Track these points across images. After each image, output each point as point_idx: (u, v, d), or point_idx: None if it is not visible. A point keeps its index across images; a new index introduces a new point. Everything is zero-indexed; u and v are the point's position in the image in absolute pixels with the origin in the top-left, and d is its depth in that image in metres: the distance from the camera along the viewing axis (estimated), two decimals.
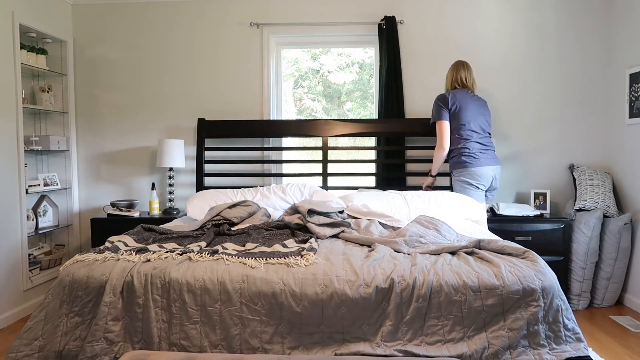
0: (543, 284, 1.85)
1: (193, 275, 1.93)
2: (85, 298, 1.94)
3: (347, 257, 2.09)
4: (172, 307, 1.88)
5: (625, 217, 3.40)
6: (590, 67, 3.87)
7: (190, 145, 4.08)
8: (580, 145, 3.90)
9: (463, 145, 3.34)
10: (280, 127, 3.90)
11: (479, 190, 3.33)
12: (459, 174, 3.36)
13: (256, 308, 1.86)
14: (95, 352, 1.83)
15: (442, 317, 1.83)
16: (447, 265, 1.96)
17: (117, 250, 2.16)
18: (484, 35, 3.91)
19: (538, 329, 1.80)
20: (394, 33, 3.84)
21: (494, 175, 3.35)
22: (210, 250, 2.13)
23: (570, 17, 3.86)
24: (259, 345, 1.84)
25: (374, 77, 4.13)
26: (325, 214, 2.68)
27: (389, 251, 2.16)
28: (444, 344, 1.80)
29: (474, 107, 3.37)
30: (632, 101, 3.51)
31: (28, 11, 3.57)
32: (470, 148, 3.33)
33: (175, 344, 1.86)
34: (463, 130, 3.35)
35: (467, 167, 3.31)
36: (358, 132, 3.86)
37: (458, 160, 3.37)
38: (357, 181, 4.06)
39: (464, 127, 3.35)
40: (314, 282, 1.88)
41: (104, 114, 4.13)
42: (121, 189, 4.15)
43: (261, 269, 1.95)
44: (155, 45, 4.08)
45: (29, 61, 3.63)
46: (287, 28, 4.00)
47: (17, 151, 3.45)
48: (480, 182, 3.31)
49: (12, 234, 3.40)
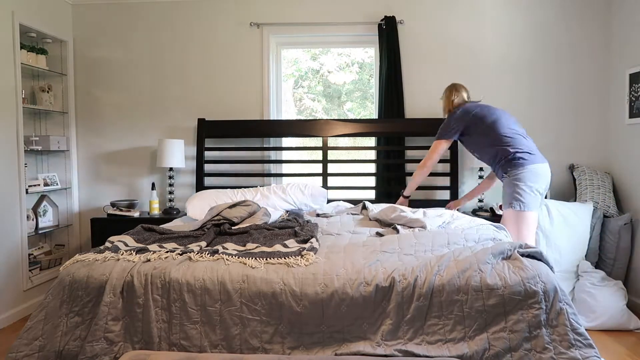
0: (545, 286, 1.84)
1: (193, 275, 1.93)
2: (85, 298, 1.94)
3: (348, 255, 2.09)
4: (172, 307, 1.89)
5: (625, 217, 3.40)
6: (590, 67, 3.87)
7: (190, 145, 4.08)
8: (580, 145, 3.90)
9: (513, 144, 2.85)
10: (280, 127, 3.90)
11: (537, 195, 2.82)
12: (514, 174, 2.83)
13: (256, 308, 1.86)
14: (96, 352, 1.84)
15: (443, 317, 1.83)
16: (454, 269, 1.92)
17: (117, 250, 2.16)
18: (484, 35, 3.91)
19: (541, 333, 1.78)
20: (394, 33, 3.84)
21: (549, 176, 2.89)
22: (210, 250, 2.13)
23: (571, 17, 3.86)
24: (259, 345, 1.84)
25: (374, 77, 4.13)
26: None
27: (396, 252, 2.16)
28: (445, 343, 1.80)
29: (503, 114, 2.96)
30: (632, 101, 3.51)
31: (28, 11, 3.57)
32: (521, 143, 2.85)
33: (175, 344, 1.86)
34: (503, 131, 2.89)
35: (524, 165, 2.81)
36: (358, 132, 3.86)
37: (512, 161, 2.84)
38: (357, 181, 4.06)
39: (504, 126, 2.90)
40: (314, 282, 1.88)
41: (104, 114, 4.13)
42: (121, 189, 4.15)
43: (261, 269, 1.95)
44: (156, 45, 4.08)
45: (29, 61, 3.63)
46: (287, 28, 4.00)
47: (17, 151, 3.45)
48: (540, 185, 2.82)
49: (12, 234, 3.40)
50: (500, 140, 2.88)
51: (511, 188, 2.84)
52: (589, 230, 3.39)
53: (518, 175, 2.81)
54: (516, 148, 2.84)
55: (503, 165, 2.89)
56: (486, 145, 2.94)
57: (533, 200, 2.81)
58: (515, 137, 2.88)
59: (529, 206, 2.80)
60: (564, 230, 3.33)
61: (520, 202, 2.80)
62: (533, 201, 2.81)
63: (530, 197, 2.80)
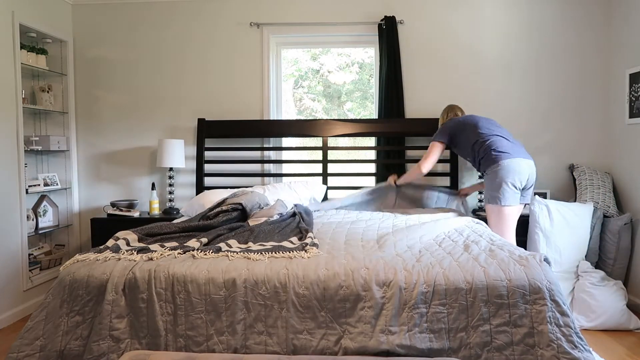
0: (550, 285, 1.85)
1: (197, 268, 1.96)
2: (85, 297, 1.94)
3: (349, 252, 2.14)
4: (176, 298, 1.91)
5: (625, 217, 3.40)
6: (590, 67, 3.87)
7: (190, 145, 4.08)
8: (580, 145, 3.90)
9: (488, 143, 3.02)
10: (280, 127, 3.90)
11: (514, 190, 2.93)
12: (490, 171, 2.98)
13: (260, 292, 1.89)
14: (103, 351, 1.85)
15: (447, 305, 1.84)
16: (455, 262, 1.98)
17: (118, 250, 2.16)
18: (484, 35, 3.92)
19: (544, 329, 1.79)
20: (394, 33, 3.84)
21: (529, 170, 2.98)
22: (213, 248, 2.15)
23: (571, 17, 3.86)
24: (263, 329, 1.86)
25: (374, 77, 4.13)
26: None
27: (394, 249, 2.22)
28: (447, 332, 1.81)
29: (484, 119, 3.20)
30: (632, 101, 3.51)
31: (28, 11, 3.57)
32: (497, 142, 3.01)
33: (181, 335, 1.88)
34: (482, 131, 3.09)
35: (498, 161, 2.95)
36: (358, 132, 3.86)
37: (487, 158, 3.00)
38: (357, 181, 4.06)
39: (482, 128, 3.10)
40: (316, 267, 1.94)
41: (104, 114, 4.13)
42: (121, 189, 4.15)
43: (265, 261, 2.00)
44: (156, 45, 4.08)
45: (29, 61, 3.63)
46: (287, 28, 4.00)
47: (17, 151, 3.45)
48: (514, 179, 2.92)
49: (12, 234, 3.40)
50: (478, 141, 3.08)
51: (489, 184, 3.01)
52: (589, 230, 3.39)
53: (494, 171, 2.97)
54: (492, 147, 3.01)
55: (482, 164, 3.08)
56: (469, 147, 3.14)
57: (511, 195, 2.94)
58: (492, 137, 3.05)
59: (506, 201, 2.94)
60: (564, 230, 3.34)
61: (498, 198, 2.95)
62: (511, 196, 2.94)
63: (508, 192, 2.93)
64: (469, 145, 3.13)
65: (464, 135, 3.16)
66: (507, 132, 3.15)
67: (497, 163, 2.94)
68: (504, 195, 2.92)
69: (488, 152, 3.01)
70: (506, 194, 2.92)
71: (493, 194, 2.97)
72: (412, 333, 1.81)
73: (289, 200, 3.43)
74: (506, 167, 2.92)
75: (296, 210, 2.93)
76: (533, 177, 3.04)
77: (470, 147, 3.13)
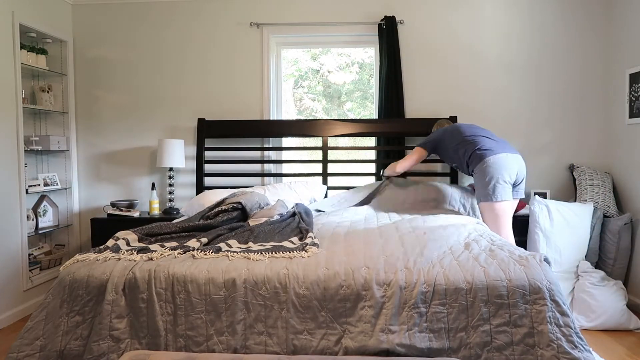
0: (550, 285, 1.85)
1: (197, 268, 1.96)
2: (85, 297, 1.94)
3: (349, 252, 2.14)
4: (176, 298, 1.91)
5: (625, 217, 3.40)
6: (590, 67, 3.87)
7: (190, 145, 4.08)
8: (580, 145, 3.90)
9: (473, 143, 3.06)
10: (280, 127, 3.90)
11: (504, 185, 2.92)
12: (478, 169, 2.99)
13: (260, 292, 1.89)
14: (103, 351, 1.85)
15: (447, 305, 1.84)
16: (455, 262, 1.99)
17: (118, 250, 2.16)
18: (484, 35, 3.92)
19: (545, 329, 1.79)
20: (394, 33, 3.84)
21: (518, 164, 2.99)
22: (213, 248, 2.15)
23: (570, 17, 3.86)
24: (263, 329, 1.86)
25: (374, 77, 4.13)
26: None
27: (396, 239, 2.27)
28: (447, 332, 1.81)
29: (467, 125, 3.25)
30: (632, 101, 3.51)
31: (28, 11, 3.57)
32: (481, 141, 3.05)
33: (181, 335, 1.88)
34: (466, 133, 3.13)
35: (483, 158, 2.97)
36: (358, 132, 3.86)
37: (474, 157, 3.03)
38: (357, 181, 4.06)
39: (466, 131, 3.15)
40: (316, 266, 1.94)
41: (104, 114, 4.13)
42: (121, 189, 4.15)
43: (265, 261, 2.01)
44: (156, 45, 4.08)
45: (29, 61, 3.63)
46: (287, 28, 4.01)
47: (17, 151, 3.45)
48: (502, 174, 2.92)
49: (12, 234, 3.40)
50: (462, 142, 3.11)
51: (479, 182, 3.01)
52: (589, 230, 3.39)
53: (481, 169, 2.97)
54: (477, 146, 3.03)
55: (470, 165, 3.08)
56: (454, 150, 3.16)
57: (502, 190, 2.93)
58: (476, 137, 3.08)
59: (498, 196, 2.93)
60: (564, 230, 3.34)
61: (489, 194, 2.94)
62: (502, 191, 2.93)
63: (498, 187, 2.93)
64: (455, 148, 3.15)
65: (449, 140, 3.20)
66: (491, 133, 3.18)
67: (483, 160, 2.97)
68: (495, 191, 2.92)
69: (473, 151, 3.03)
70: (497, 189, 2.92)
71: (484, 192, 2.97)
72: (411, 332, 1.81)
73: (289, 200, 3.42)
74: (493, 164, 2.94)
75: (296, 210, 2.93)
76: (523, 172, 3.04)
77: (455, 150, 3.15)
